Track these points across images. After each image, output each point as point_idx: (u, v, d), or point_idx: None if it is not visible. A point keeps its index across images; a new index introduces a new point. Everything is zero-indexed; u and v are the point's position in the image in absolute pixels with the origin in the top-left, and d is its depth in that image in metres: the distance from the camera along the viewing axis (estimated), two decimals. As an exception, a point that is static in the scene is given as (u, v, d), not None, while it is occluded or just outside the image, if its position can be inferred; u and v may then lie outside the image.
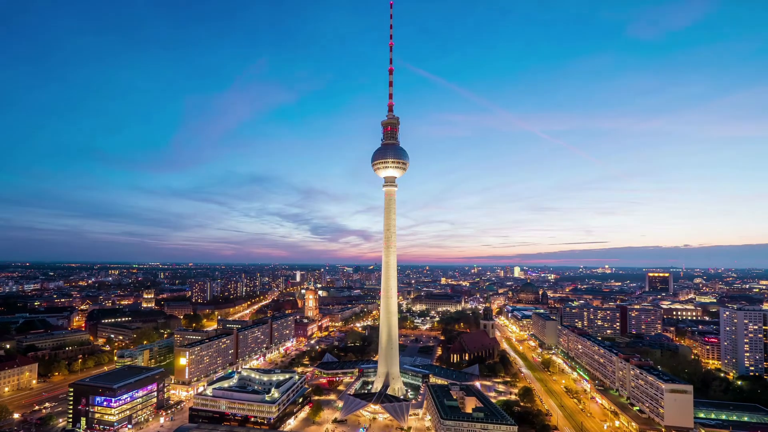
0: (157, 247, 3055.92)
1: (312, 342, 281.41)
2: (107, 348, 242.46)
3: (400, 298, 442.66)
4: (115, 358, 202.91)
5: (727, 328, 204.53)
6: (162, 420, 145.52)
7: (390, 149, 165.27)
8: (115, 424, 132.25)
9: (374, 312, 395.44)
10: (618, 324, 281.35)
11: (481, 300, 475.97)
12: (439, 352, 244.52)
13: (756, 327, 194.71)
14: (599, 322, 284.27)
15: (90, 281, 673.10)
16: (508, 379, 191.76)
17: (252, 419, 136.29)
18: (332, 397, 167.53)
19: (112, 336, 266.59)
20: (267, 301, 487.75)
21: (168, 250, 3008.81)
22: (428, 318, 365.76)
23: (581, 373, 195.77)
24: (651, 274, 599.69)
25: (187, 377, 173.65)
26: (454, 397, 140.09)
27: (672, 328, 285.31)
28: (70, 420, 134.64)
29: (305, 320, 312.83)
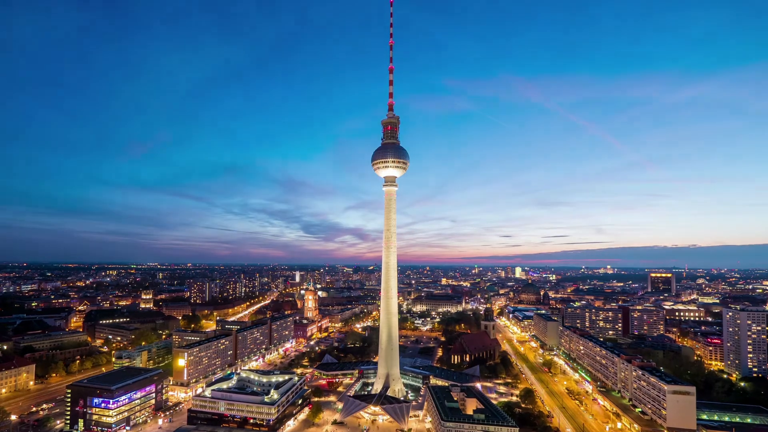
0: (150, 247, 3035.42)
1: (311, 343, 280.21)
2: (105, 349, 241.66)
3: (401, 298, 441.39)
4: (113, 359, 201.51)
5: (730, 329, 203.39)
6: (160, 422, 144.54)
7: (390, 149, 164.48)
8: (113, 425, 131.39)
9: (374, 313, 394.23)
10: (620, 325, 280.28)
11: (482, 301, 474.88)
12: (440, 353, 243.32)
13: (759, 328, 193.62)
14: (601, 323, 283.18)
15: (88, 282, 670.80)
16: (509, 381, 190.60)
17: (251, 421, 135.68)
18: (332, 398, 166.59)
19: (110, 337, 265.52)
20: (266, 302, 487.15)
21: (159, 250, 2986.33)
22: (429, 319, 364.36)
23: (583, 374, 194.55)
24: (653, 275, 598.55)
25: (185, 378, 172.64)
26: (455, 399, 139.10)
27: (674, 329, 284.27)
28: (68, 422, 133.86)
29: (305, 321, 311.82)
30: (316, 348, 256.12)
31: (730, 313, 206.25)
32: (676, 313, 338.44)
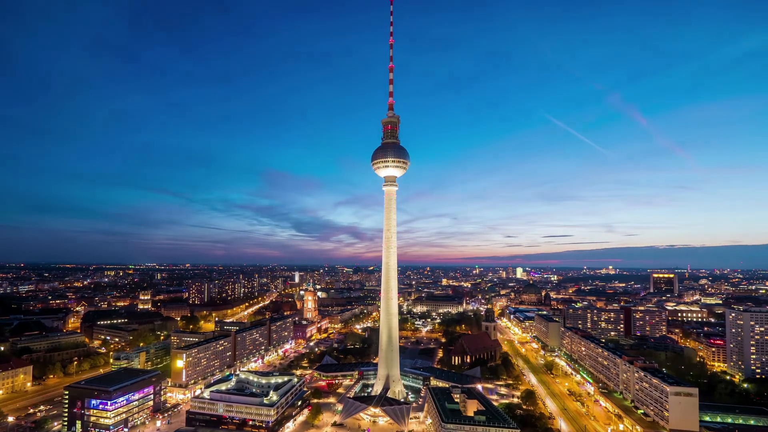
0: (143, 247, 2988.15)
1: (311, 344, 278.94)
2: (103, 350, 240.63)
3: (401, 299, 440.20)
4: (111, 361, 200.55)
5: (733, 330, 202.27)
6: (159, 423, 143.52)
7: (390, 148, 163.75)
8: (111, 427, 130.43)
9: (374, 314, 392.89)
10: (622, 326, 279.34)
11: (482, 301, 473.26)
12: (440, 354, 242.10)
13: (762, 329, 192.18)
14: (603, 324, 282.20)
15: (85, 282, 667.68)
16: (511, 382, 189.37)
17: (250, 422, 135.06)
18: (331, 400, 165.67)
19: (108, 338, 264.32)
20: (265, 303, 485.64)
21: (151, 250, 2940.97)
22: (429, 320, 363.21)
23: (585, 375, 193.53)
24: (655, 275, 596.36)
25: (184, 380, 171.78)
26: (456, 400, 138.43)
27: (677, 330, 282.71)
28: (65, 423, 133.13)
29: (304, 322, 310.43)
30: (316, 349, 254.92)
31: (733, 314, 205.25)
32: (679, 314, 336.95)
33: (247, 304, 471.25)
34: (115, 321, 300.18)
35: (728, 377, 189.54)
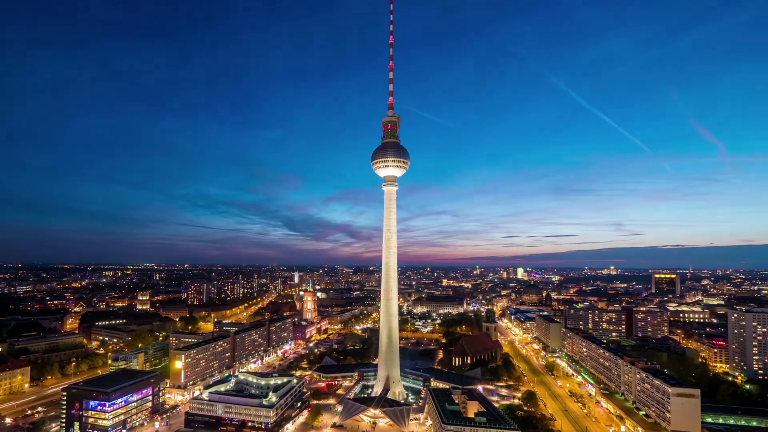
0: (132, 246, 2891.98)
1: (311, 345, 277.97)
2: (101, 351, 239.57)
3: (401, 300, 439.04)
4: (110, 362, 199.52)
5: (735, 331, 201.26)
6: (157, 425, 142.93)
7: (390, 147, 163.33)
8: (110, 428, 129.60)
9: (374, 314, 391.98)
10: (623, 326, 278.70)
11: (483, 302, 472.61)
12: (441, 355, 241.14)
13: (765, 330, 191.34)
14: (604, 325, 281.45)
15: (83, 283, 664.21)
16: (511, 383, 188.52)
17: (249, 424, 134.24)
18: (331, 401, 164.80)
19: (106, 339, 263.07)
20: (264, 303, 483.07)
21: (143, 250, 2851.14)
22: (429, 320, 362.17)
23: (586, 376, 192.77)
24: (657, 276, 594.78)
25: (182, 381, 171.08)
26: (456, 402, 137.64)
27: (679, 331, 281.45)
28: (64, 425, 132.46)
29: (304, 323, 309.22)
30: (315, 350, 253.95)
31: (735, 315, 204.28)
32: (681, 315, 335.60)
33: (246, 304, 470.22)
34: (113, 322, 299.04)
35: (730, 378, 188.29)
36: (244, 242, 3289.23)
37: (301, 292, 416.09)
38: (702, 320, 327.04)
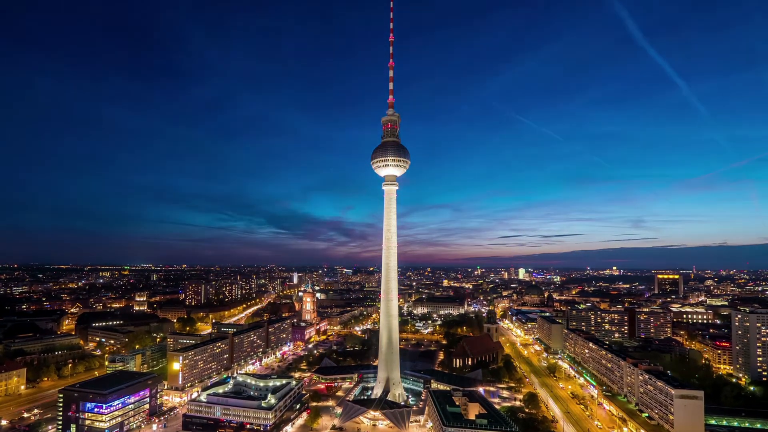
0: (113, 246, 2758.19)
1: (310, 346, 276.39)
2: (98, 352, 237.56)
3: (401, 300, 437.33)
4: (107, 363, 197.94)
5: (739, 332, 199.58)
6: (155, 427, 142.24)
7: (390, 147, 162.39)
8: (107, 430, 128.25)
9: (374, 315, 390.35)
10: (626, 327, 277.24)
11: (484, 303, 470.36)
12: (441, 356, 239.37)
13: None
14: (607, 326, 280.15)
15: (80, 284, 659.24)
16: (513, 385, 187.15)
17: (248, 426, 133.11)
18: (331, 403, 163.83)
19: (103, 340, 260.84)
20: (263, 304, 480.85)
21: (136, 250, 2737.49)
22: (430, 321, 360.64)
23: (588, 378, 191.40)
24: (660, 276, 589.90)
25: (180, 383, 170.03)
26: (457, 404, 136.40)
27: (682, 332, 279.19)
28: (60, 427, 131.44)
29: (303, 324, 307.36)
30: (315, 351, 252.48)
31: (739, 316, 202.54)
32: (684, 316, 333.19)
33: (244, 305, 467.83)
34: (110, 323, 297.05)
35: (734, 380, 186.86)
36: (233, 241, 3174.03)
37: (300, 293, 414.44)
38: (705, 321, 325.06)
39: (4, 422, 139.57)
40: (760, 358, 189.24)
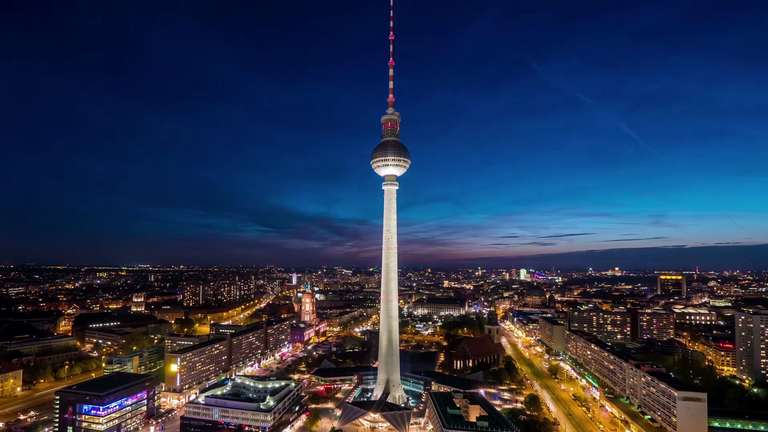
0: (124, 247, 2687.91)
1: (309, 348, 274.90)
2: (95, 354, 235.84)
3: (401, 301, 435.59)
4: (104, 365, 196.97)
5: (743, 333, 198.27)
6: (152, 429, 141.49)
7: (390, 146, 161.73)
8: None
9: (374, 316, 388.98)
10: (628, 329, 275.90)
11: (485, 304, 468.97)
12: (442, 358, 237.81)
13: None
14: (609, 327, 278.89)
15: (77, 284, 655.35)
16: (514, 387, 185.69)
17: (246, 428, 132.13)
18: (330, 405, 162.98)
19: (100, 341, 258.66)
20: (262, 305, 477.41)
21: (130, 250, 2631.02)
22: (430, 323, 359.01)
23: (590, 380, 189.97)
24: (663, 277, 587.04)
25: (178, 384, 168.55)
26: (458, 406, 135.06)
27: (685, 333, 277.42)
28: (56, 429, 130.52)
29: (302, 325, 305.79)
30: (314, 353, 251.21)
31: (743, 317, 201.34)
32: (687, 317, 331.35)
33: (243, 306, 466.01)
34: (107, 324, 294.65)
35: (737, 382, 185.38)
36: (221, 241, 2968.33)
37: (299, 294, 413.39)
38: (709, 322, 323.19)
39: (0, 425, 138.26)
40: (764, 360, 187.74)
